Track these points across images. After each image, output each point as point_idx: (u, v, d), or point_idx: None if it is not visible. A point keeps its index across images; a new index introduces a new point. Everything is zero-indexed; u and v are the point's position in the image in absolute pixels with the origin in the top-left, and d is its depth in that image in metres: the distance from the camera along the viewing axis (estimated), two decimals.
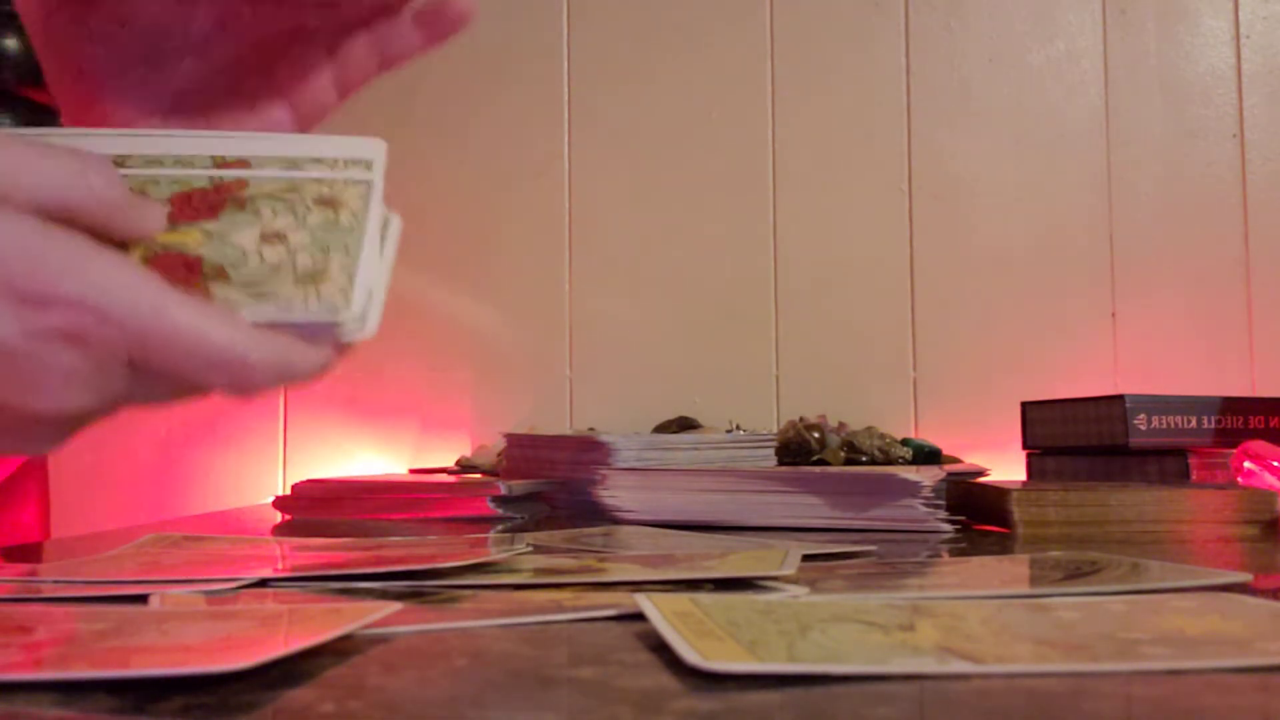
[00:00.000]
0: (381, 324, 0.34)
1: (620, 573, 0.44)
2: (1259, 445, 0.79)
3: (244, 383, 0.31)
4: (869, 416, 1.16)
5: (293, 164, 0.36)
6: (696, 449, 0.84)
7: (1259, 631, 0.31)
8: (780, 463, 0.93)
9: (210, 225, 0.34)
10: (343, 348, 0.34)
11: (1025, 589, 0.41)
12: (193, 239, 0.34)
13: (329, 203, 0.35)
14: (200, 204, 0.35)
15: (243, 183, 0.35)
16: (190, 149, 0.36)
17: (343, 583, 0.42)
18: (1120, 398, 0.94)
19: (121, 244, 0.32)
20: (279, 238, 0.34)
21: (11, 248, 0.29)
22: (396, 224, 0.37)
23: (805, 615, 0.33)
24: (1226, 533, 0.64)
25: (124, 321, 0.30)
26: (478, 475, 1.02)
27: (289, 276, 0.33)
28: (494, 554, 0.49)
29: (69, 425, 0.32)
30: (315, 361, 0.33)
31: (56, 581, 0.43)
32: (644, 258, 1.36)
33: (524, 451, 0.94)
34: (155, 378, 0.32)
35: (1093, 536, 0.63)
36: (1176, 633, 0.31)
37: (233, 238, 0.34)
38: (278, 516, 0.84)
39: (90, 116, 0.39)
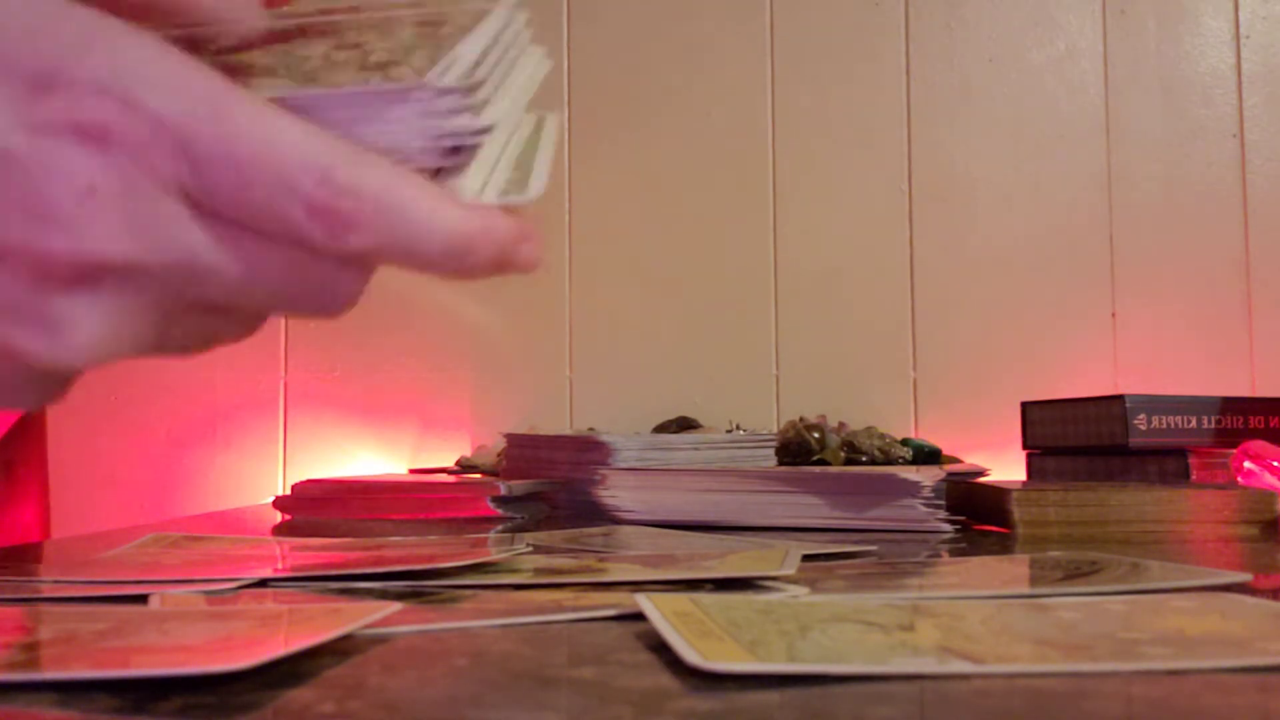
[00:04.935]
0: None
1: (620, 573, 0.44)
2: (1259, 445, 0.79)
3: (337, 220, 0.23)
4: (869, 416, 1.16)
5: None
6: (696, 449, 0.84)
7: (1259, 631, 0.31)
8: (780, 463, 0.93)
9: (276, 49, 0.27)
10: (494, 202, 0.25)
11: (1025, 589, 0.41)
12: (247, 56, 0.26)
13: (431, 22, 0.28)
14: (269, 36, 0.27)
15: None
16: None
17: (343, 583, 0.42)
18: (1120, 398, 0.94)
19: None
20: (355, 46, 0.26)
21: (13, 16, 0.23)
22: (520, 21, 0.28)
23: (805, 615, 0.33)
24: (1226, 533, 0.64)
25: (159, 114, 0.22)
26: (478, 475, 1.02)
27: (352, 68, 0.25)
28: (494, 554, 0.49)
29: (99, 312, 0.24)
30: (442, 211, 0.24)
31: (56, 581, 0.43)
32: (644, 257, 1.36)
33: (524, 451, 0.94)
34: (221, 224, 0.23)
35: (1093, 536, 0.63)
36: (1176, 633, 0.31)
37: (299, 51, 0.27)
38: (278, 516, 0.84)
39: None
